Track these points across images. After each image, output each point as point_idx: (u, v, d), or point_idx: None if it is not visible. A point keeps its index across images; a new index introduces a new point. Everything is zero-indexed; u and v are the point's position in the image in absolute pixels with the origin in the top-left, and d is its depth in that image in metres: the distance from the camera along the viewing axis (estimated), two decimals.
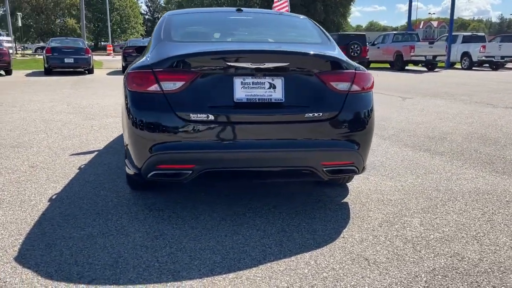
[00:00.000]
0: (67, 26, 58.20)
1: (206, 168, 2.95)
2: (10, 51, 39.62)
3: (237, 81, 2.93)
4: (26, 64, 24.58)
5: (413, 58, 21.48)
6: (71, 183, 4.00)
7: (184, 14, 4.16)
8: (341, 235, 2.97)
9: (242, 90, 2.93)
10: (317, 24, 3.94)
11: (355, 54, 21.63)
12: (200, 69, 2.91)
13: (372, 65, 24.76)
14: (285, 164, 3.05)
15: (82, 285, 2.31)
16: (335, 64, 3.08)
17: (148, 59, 3.11)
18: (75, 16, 60.76)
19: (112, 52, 37.69)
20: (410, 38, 23.32)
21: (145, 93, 2.94)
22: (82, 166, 4.56)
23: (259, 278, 2.41)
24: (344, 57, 3.19)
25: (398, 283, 2.38)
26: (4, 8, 51.31)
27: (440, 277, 2.44)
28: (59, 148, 5.34)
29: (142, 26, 68.99)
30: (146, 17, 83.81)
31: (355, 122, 3.10)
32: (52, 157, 4.94)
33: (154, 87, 2.90)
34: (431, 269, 2.53)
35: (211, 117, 2.88)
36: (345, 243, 2.85)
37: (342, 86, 3.05)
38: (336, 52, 3.32)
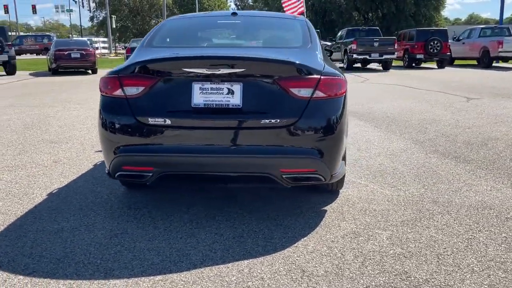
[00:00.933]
0: None
1: (165, 171, 3.04)
2: (107, 51, 42.52)
3: (196, 87, 2.98)
4: (115, 62, 26.33)
5: (502, 54, 19.83)
6: (78, 179, 4.30)
7: (180, 19, 4.28)
8: (295, 245, 2.91)
9: (200, 96, 2.97)
10: (309, 27, 3.84)
11: (435, 51, 20.48)
12: (159, 75, 3.00)
13: (456, 62, 23.30)
14: (242, 169, 3.04)
15: (20, 277, 2.51)
16: (296, 70, 3.01)
17: (122, 65, 3.26)
18: (166, 17, 63.84)
19: None
20: (500, 32, 21.55)
21: (111, 97, 3.09)
22: (98, 163, 4.86)
23: (182, 282, 2.45)
24: (310, 63, 3.10)
25: None
26: (105, 11, 55.40)
27: None
28: (89, 145, 5.73)
29: None
30: None
31: (317, 129, 3.01)
32: (78, 153, 5.31)
33: (118, 92, 3.05)
34: (364, 287, 2.40)
35: (168, 121, 2.96)
36: (294, 252, 2.79)
37: (303, 92, 2.97)
38: (309, 57, 3.23)
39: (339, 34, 23.03)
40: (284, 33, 3.92)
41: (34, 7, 48.91)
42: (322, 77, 3.03)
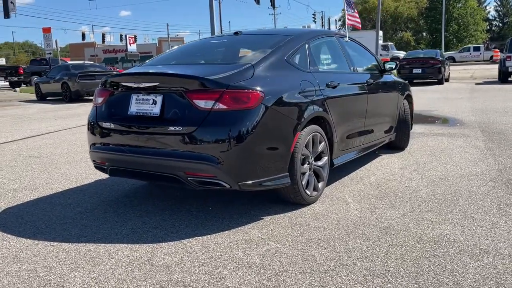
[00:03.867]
0: (403, 39, 60.45)
1: (111, 165, 3.75)
2: None
3: (133, 97, 3.61)
4: None
5: None
6: None
7: (194, 41, 4.87)
8: (182, 240, 3.21)
9: (135, 105, 3.59)
10: (285, 44, 3.93)
11: None
12: (112, 88, 3.74)
13: None
14: (155, 169, 3.49)
15: None
16: (199, 84, 3.31)
17: None
18: (411, 29, 62.46)
19: None
20: None
21: (94, 106, 3.98)
22: None
23: (62, 249, 3.12)
24: (220, 78, 3.32)
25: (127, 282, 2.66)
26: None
27: None
28: None
29: (485, 33, 64.35)
30: (494, 22, 77.35)
31: (215, 138, 3.25)
32: None
33: (95, 101, 3.92)
34: (179, 282, 2.64)
35: (112, 125, 3.67)
36: (169, 246, 3.12)
37: (204, 104, 3.27)
38: (231, 72, 3.43)
39: None
40: (252, 50, 4.09)
41: None
42: (226, 90, 3.26)
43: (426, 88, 17.61)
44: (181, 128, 3.31)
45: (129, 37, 60.39)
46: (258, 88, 3.35)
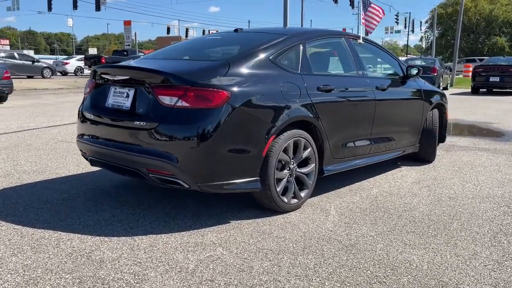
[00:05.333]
0: (496, 44, 56.57)
1: (90, 156, 3.80)
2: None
3: (112, 90, 3.63)
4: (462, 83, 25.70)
5: None
6: None
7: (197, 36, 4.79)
8: (132, 237, 3.19)
9: (112, 97, 3.61)
10: (273, 45, 3.73)
11: None
12: (97, 79, 3.79)
13: None
14: (122, 163, 3.47)
15: None
16: (163, 79, 3.24)
17: None
18: (507, 34, 58.33)
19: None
20: None
21: (84, 96, 4.06)
22: None
23: (12, 234, 3.22)
24: (186, 74, 3.23)
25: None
26: (437, 31, 55.03)
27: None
28: None
29: None
30: None
31: (175, 136, 3.17)
32: None
33: (85, 92, 4.01)
34: (100, 279, 2.63)
35: (92, 117, 3.72)
36: (117, 241, 3.11)
37: (169, 100, 3.19)
38: (200, 69, 3.34)
39: None
40: (239, 48, 3.92)
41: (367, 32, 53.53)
42: (191, 87, 3.17)
43: (502, 98, 16.31)
44: (144, 123, 3.27)
45: (211, 32, 61.83)
46: (226, 87, 3.22)
